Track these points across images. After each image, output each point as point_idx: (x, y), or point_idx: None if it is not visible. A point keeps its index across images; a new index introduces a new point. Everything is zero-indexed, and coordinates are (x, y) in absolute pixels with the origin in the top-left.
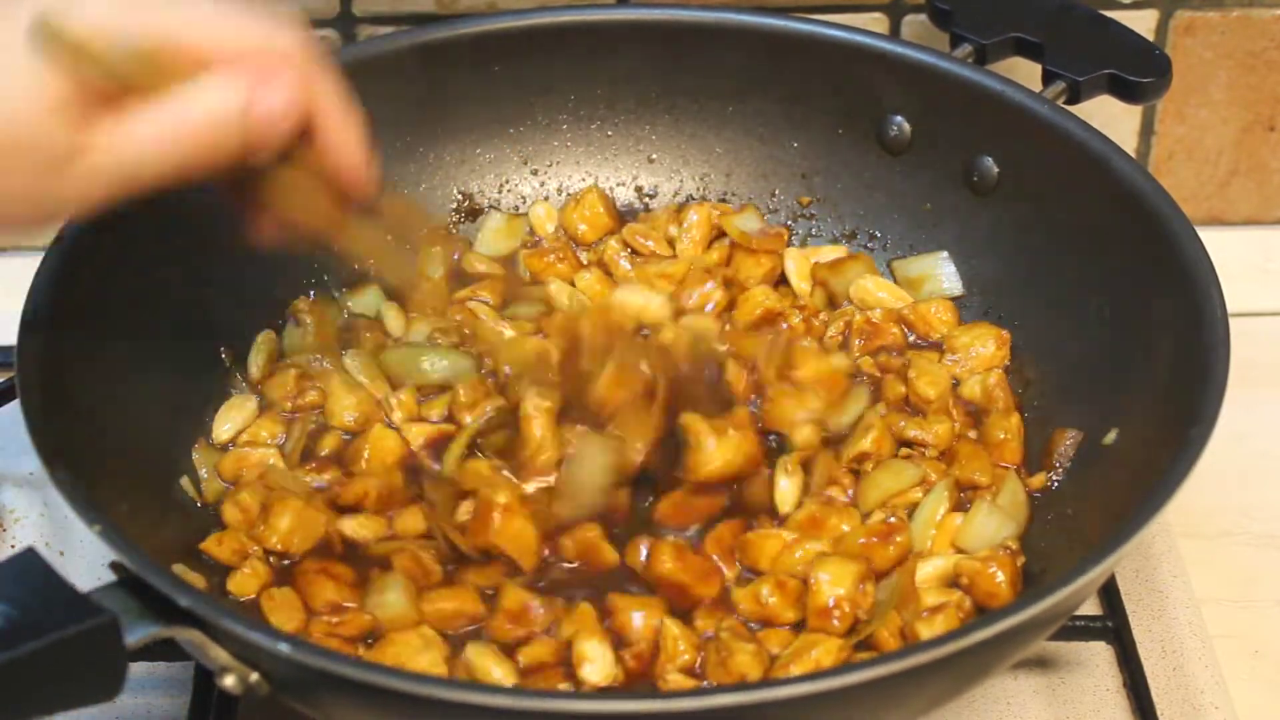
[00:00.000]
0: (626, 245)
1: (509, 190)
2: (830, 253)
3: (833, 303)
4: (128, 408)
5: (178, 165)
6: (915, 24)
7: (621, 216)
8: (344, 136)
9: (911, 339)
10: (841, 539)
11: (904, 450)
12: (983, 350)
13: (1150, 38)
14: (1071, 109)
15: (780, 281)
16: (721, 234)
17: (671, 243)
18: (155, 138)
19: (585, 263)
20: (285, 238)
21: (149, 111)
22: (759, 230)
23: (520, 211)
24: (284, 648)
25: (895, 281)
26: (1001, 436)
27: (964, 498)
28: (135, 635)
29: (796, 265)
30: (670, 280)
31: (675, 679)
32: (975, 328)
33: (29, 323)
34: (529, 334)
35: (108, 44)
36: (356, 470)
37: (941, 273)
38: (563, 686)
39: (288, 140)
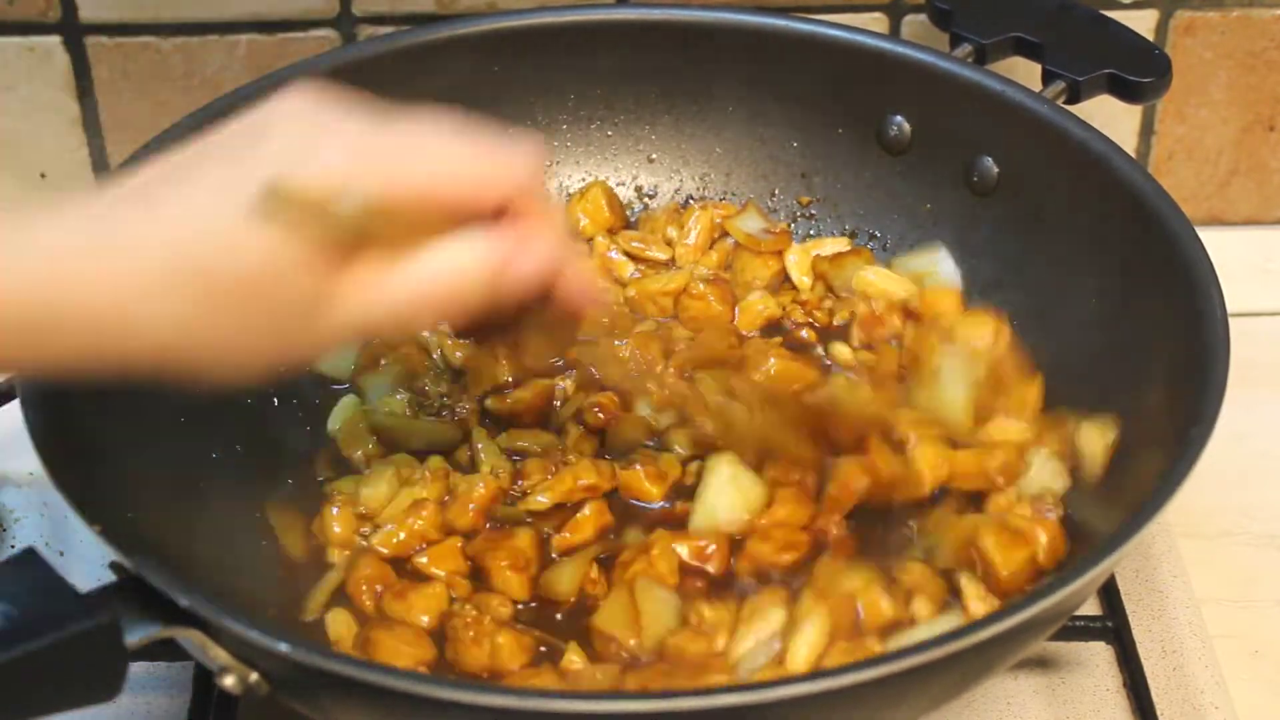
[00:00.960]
0: (617, 246)
1: None
2: (832, 245)
3: (833, 296)
4: (130, 407)
5: (422, 321)
6: (915, 24)
7: (626, 216)
8: (578, 270)
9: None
10: None
11: None
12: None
13: (1150, 38)
14: (1071, 109)
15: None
16: (723, 233)
17: (670, 244)
18: (405, 297)
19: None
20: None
21: (399, 270)
22: (762, 230)
23: None
24: (284, 648)
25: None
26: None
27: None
28: (135, 635)
29: (798, 259)
30: (670, 296)
31: None
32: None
33: None
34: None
35: (341, 203)
36: None
37: (940, 268)
38: None
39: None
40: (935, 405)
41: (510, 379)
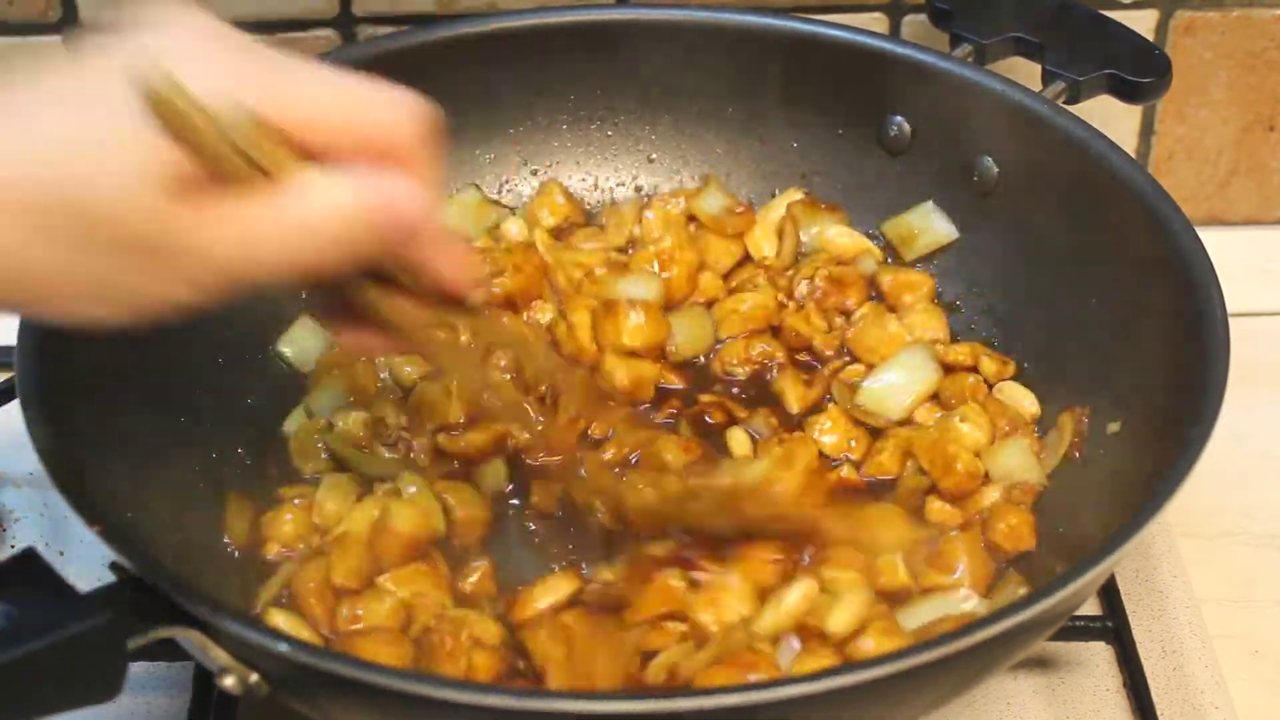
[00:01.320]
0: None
1: (509, 190)
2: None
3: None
4: (129, 407)
5: (292, 268)
6: (915, 24)
7: (585, 211)
8: (449, 241)
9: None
10: None
11: None
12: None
13: (1150, 38)
14: (1071, 109)
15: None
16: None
17: (634, 242)
18: (273, 236)
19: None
20: (370, 346)
21: (267, 204)
22: (724, 209)
23: (503, 203)
24: (284, 648)
25: (888, 242)
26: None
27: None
28: (135, 635)
29: (761, 227)
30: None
31: None
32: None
33: (29, 323)
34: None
35: (224, 113)
36: None
37: (932, 222)
38: None
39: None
40: (879, 400)
41: (462, 419)
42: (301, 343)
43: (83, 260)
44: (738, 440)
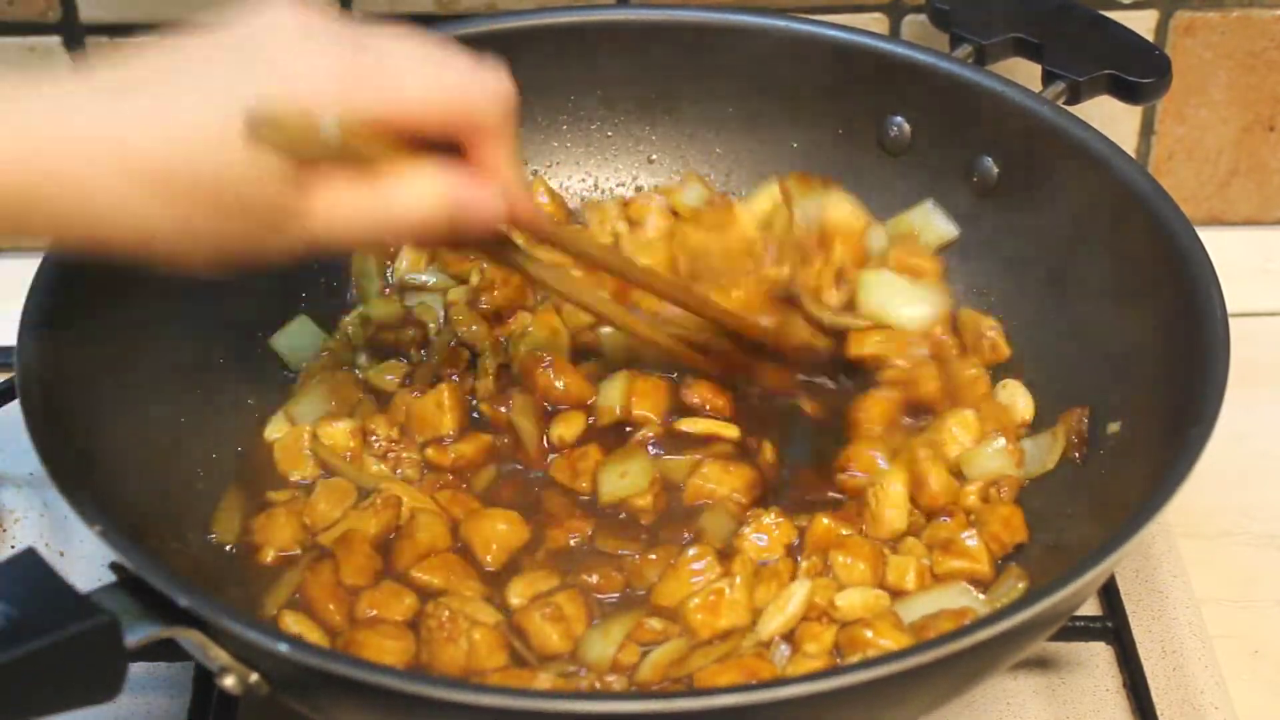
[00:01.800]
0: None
1: None
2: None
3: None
4: (129, 407)
5: (379, 240)
6: (915, 24)
7: (569, 209)
8: (530, 206)
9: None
10: None
11: None
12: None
13: (1150, 38)
14: (1071, 109)
15: None
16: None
17: (617, 237)
18: (365, 219)
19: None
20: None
21: (363, 193)
22: (705, 200)
23: None
24: (284, 648)
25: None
26: (972, 373)
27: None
28: (135, 636)
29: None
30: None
31: None
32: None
33: (29, 323)
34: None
35: (323, 126)
36: None
37: (932, 221)
38: None
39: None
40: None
41: (452, 432)
42: (296, 341)
43: (211, 226)
44: None
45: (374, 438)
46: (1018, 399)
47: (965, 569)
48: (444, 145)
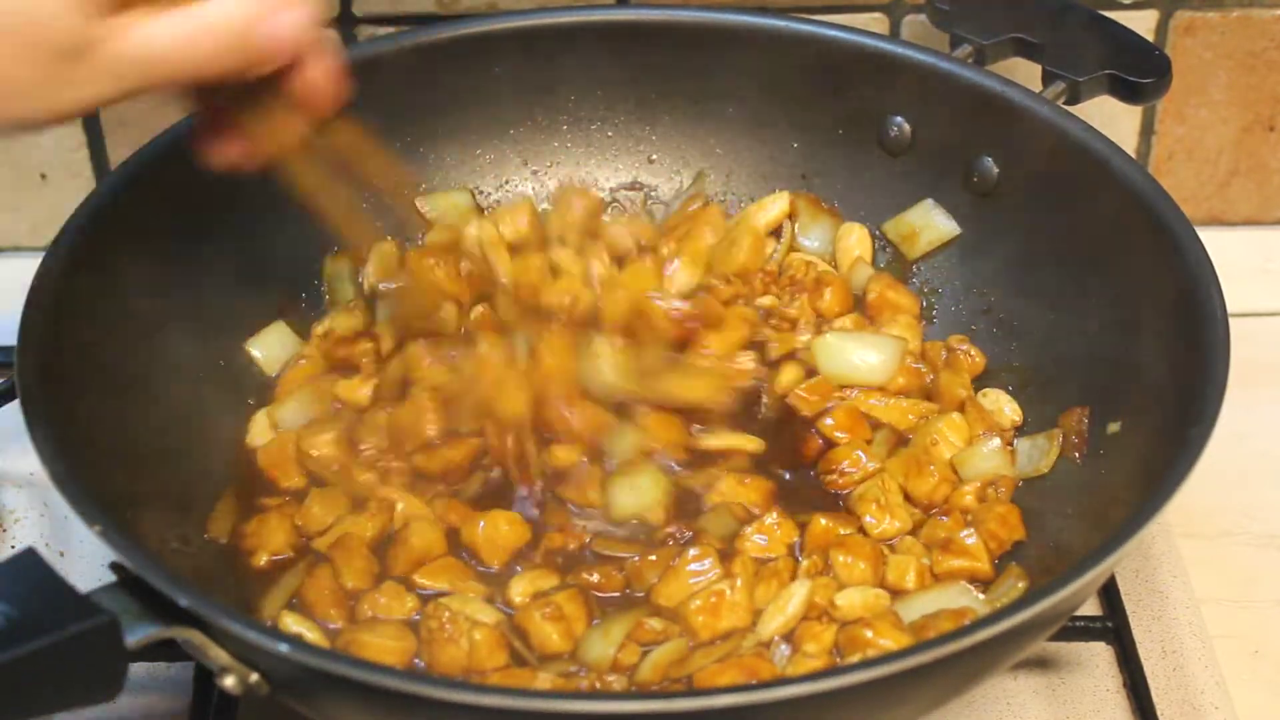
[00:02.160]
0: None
1: (509, 190)
2: (773, 202)
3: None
4: (129, 407)
5: (186, 70)
6: (915, 24)
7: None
8: (326, 61)
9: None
10: None
11: None
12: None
13: (1150, 38)
14: (1071, 109)
15: None
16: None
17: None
18: (170, 39)
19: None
20: (239, 160)
21: (165, 13)
22: (629, 235)
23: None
24: (284, 648)
25: (890, 242)
26: (962, 394)
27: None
28: (135, 636)
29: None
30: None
31: None
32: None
33: (29, 322)
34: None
35: None
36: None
37: (933, 219)
38: None
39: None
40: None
41: (436, 435)
42: (271, 348)
43: (14, 67)
44: None
45: (363, 446)
46: (1002, 405)
47: (965, 568)
48: None
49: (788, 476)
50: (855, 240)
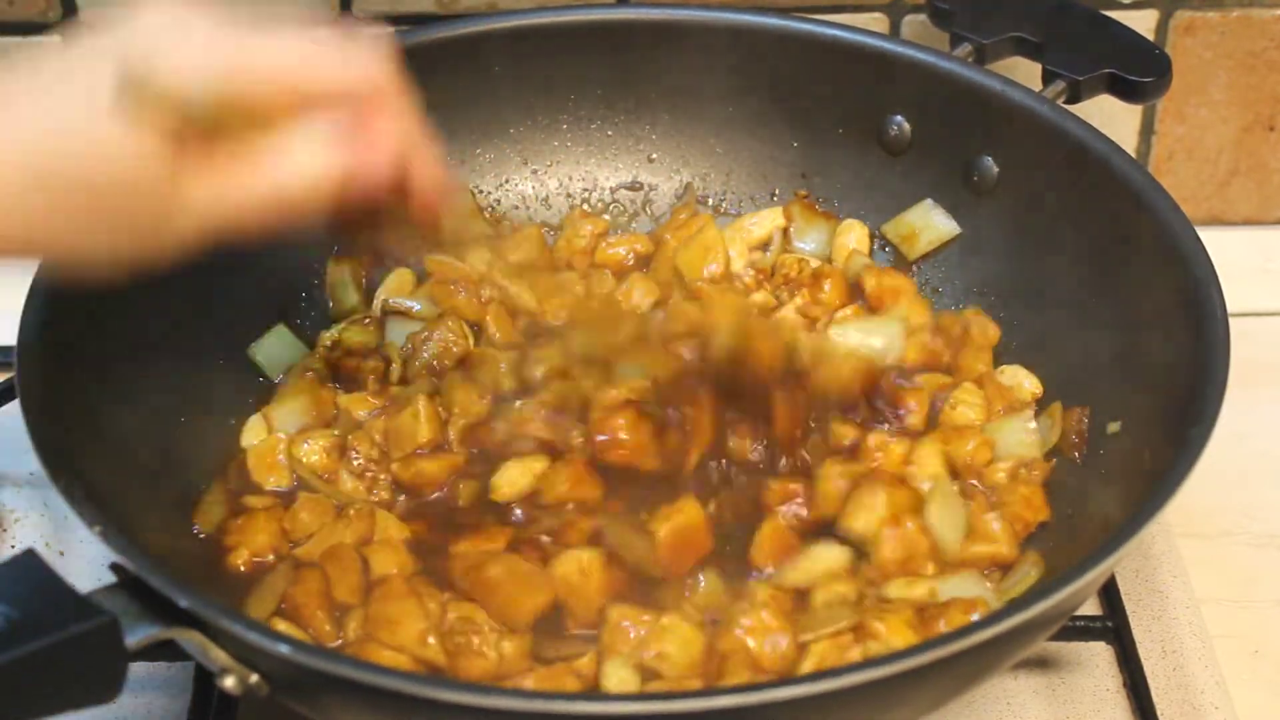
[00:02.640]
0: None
1: (509, 190)
2: (766, 218)
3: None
4: (129, 407)
5: (274, 220)
6: (915, 24)
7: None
8: (430, 171)
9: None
10: None
11: None
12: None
13: (1150, 38)
14: (1071, 109)
15: None
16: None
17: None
18: (255, 194)
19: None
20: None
21: (245, 171)
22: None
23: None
24: (284, 649)
25: (890, 243)
26: (981, 369)
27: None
28: (135, 636)
29: (737, 246)
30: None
31: None
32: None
33: (29, 323)
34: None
35: (193, 90)
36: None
37: (932, 219)
38: None
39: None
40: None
41: (426, 445)
42: (273, 351)
43: (95, 221)
44: None
45: (354, 453)
46: (1021, 380)
47: (989, 553)
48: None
49: None
50: (854, 238)
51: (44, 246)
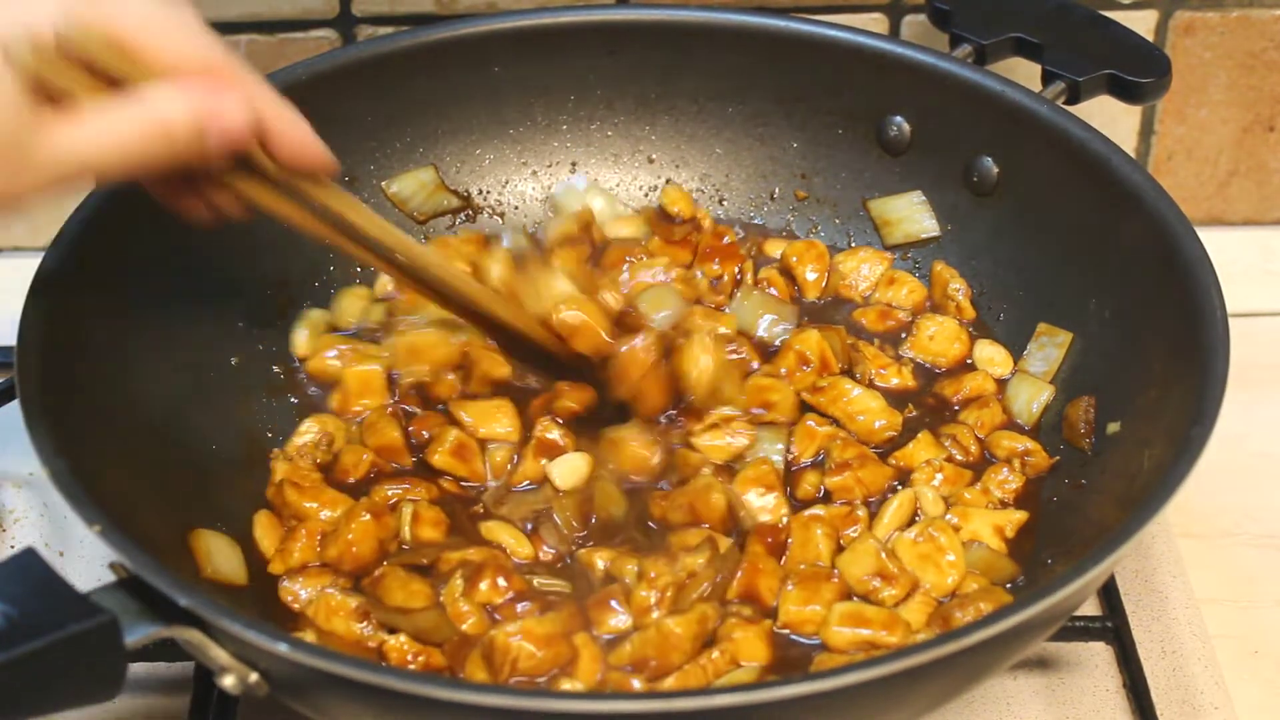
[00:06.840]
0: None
1: (509, 190)
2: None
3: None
4: (128, 407)
5: (131, 165)
6: (915, 24)
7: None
8: (295, 130)
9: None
10: None
11: None
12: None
13: (1150, 38)
14: (1071, 109)
15: None
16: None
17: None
18: (111, 138)
19: None
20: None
21: (106, 112)
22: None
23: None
24: (283, 648)
25: (871, 219)
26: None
27: None
28: (135, 635)
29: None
30: None
31: None
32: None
33: (29, 322)
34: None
35: (41, 37)
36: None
37: (918, 214)
38: None
39: (242, 148)
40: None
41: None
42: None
43: None
44: None
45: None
46: (993, 353)
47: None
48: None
49: None
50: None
51: None
